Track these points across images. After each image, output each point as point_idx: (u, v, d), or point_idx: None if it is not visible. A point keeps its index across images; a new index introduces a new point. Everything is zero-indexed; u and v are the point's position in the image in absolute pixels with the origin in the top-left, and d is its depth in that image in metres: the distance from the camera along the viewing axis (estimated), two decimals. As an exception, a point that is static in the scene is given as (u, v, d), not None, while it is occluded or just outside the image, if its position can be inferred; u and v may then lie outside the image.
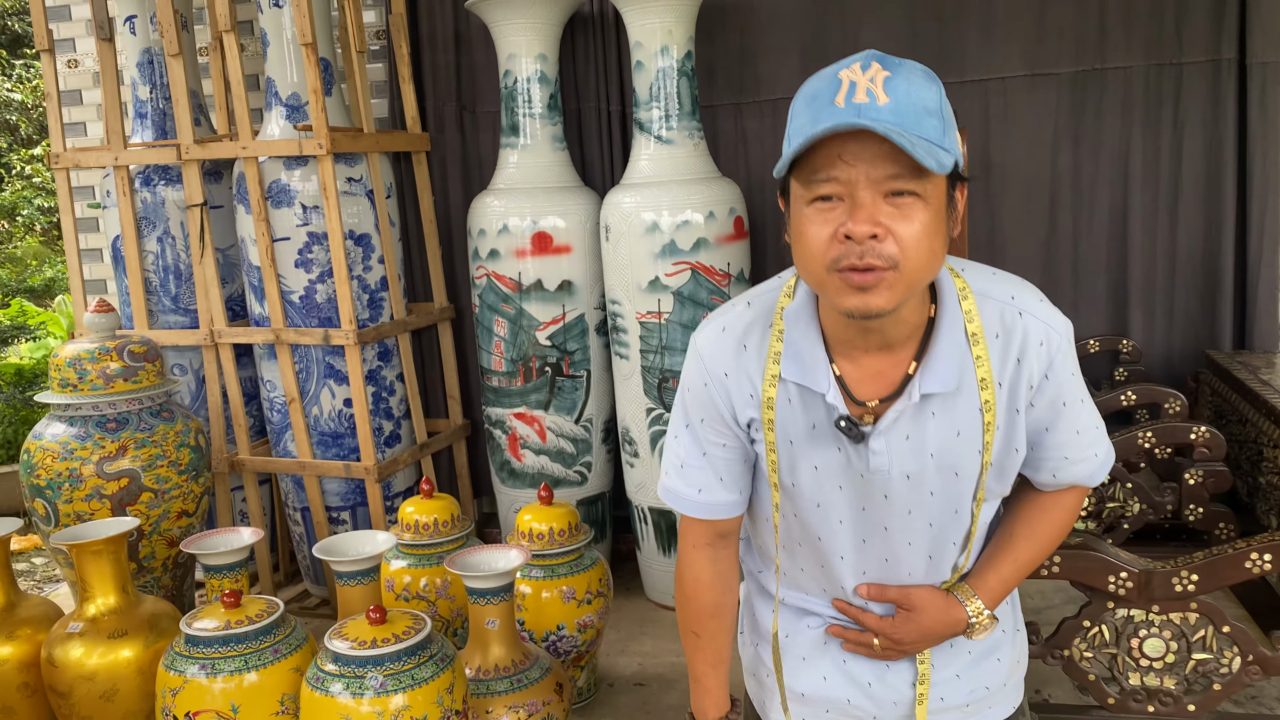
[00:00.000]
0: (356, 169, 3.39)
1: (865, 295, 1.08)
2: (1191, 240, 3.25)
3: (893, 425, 1.20)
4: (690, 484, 1.32)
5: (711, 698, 1.43)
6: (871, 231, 1.06)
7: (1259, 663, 1.61)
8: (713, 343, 1.28)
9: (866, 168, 1.05)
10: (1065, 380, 1.24)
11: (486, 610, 2.49)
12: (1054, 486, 1.32)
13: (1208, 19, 3.14)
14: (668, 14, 3.19)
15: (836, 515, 1.27)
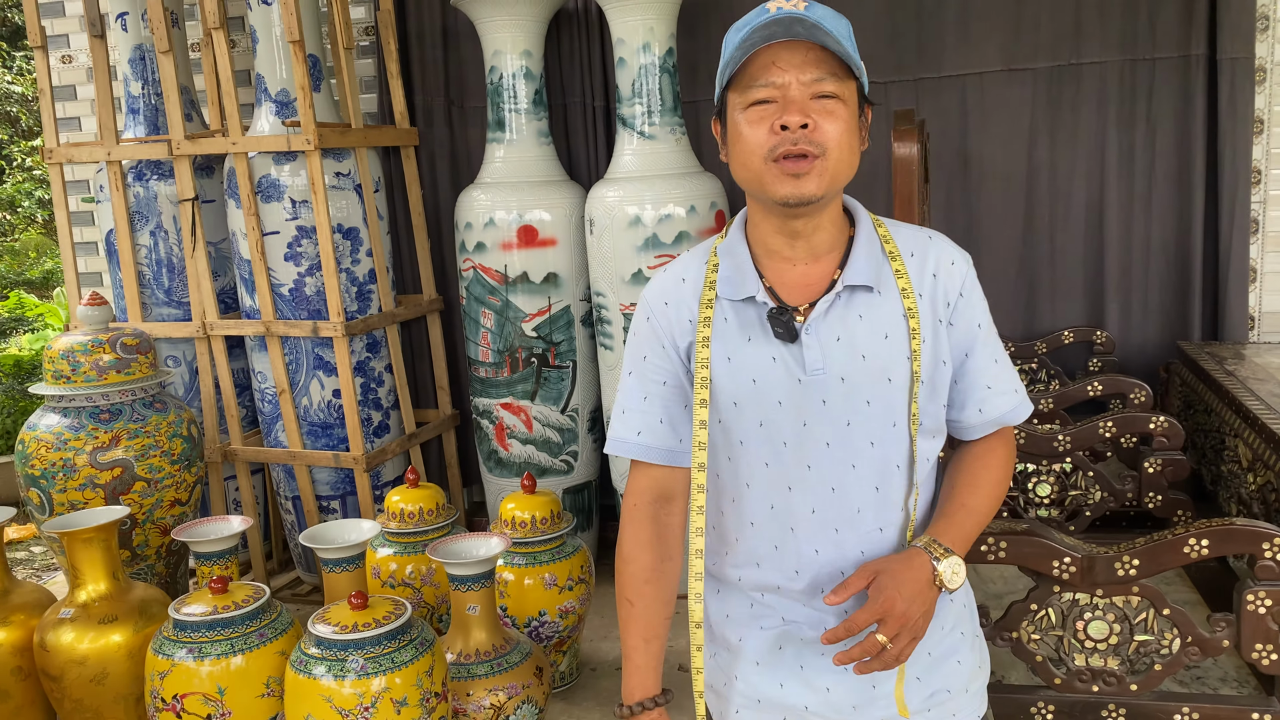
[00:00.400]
0: (345, 163, 3.45)
1: (798, 181, 1.23)
2: (1165, 233, 3.30)
3: (822, 319, 1.28)
4: (630, 427, 1.37)
5: (639, 676, 1.36)
6: (803, 121, 1.21)
7: (1198, 644, 1.67)
8: (655, 283, 1.40)
9: (797, 72, 1.21)
10: (977, 302, 1.34)
11: (468, 596, 2.56)
12: (981, 427, 1.36)
13: (1179, 15, 3.18)
14: (649, 11, 3.24)
15: (780, 436, 1.30)
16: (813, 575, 1.33)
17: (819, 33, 1.19)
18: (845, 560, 1.32)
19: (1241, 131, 3.16)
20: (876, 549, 1.32)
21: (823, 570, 1.33)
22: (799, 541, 1.33)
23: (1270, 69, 3.19)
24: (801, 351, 1.27)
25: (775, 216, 1.29)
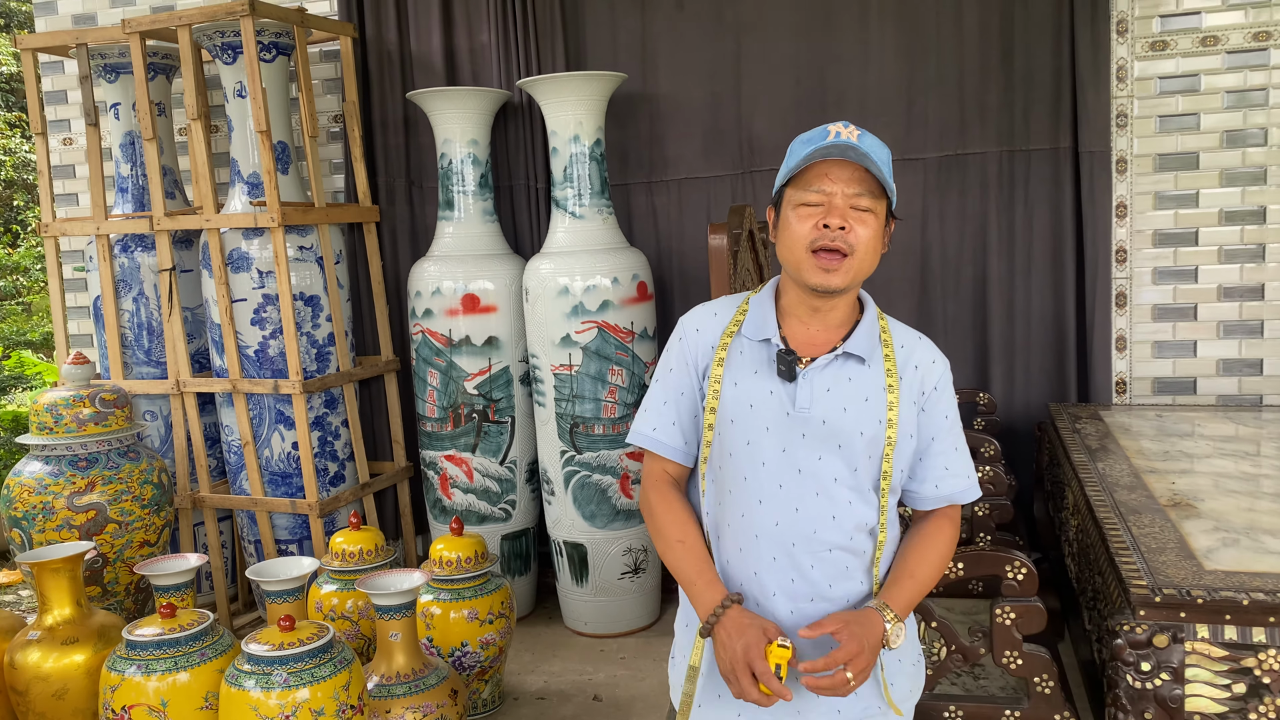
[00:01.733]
0: (308, 238, 3.84)
1: (828, 275, 1.54)
2: (1042, 305, 3.65)
3: (819, 371, 1.59)
4: (648, 424, 1.70)
5: (710, 590, 1.57)
6: (841, 224, 1.53)
7: (961, 651, 1.98)
8: (693, 313, 1.72)
9: (843, 185, 1.54)
10: (948, 399, 1.67)
11: (391, 624, 2.87)
12: (934, 500, 1.65)
13: (1049, 112, 3.57)
14: (579, 108, 3.65)
15: (761, 456, 1.58)
16: (769, 578, 1.59)
17: (866, 160, 1.51)
18: (797, 570, 1.59)
19: (1101, 216, 3.53)
20: (824, 565, 1.59)
21: (779, 578, 1.59)
22: (760, 548, 1.60)
23: (1131, 160, 3.56)
24: (795, 391, 1.58)
25: (804, 294, 1.61)
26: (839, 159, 1.52)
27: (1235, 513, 2.18)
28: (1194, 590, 1.76)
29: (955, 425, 1.68)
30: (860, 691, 1.59)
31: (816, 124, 3.70)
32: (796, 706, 1.60)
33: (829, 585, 1.59)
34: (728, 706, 1.62)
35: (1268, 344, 3.54)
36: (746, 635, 1.50)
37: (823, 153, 1.52)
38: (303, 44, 3.75)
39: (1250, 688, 1.77)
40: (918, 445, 1.64)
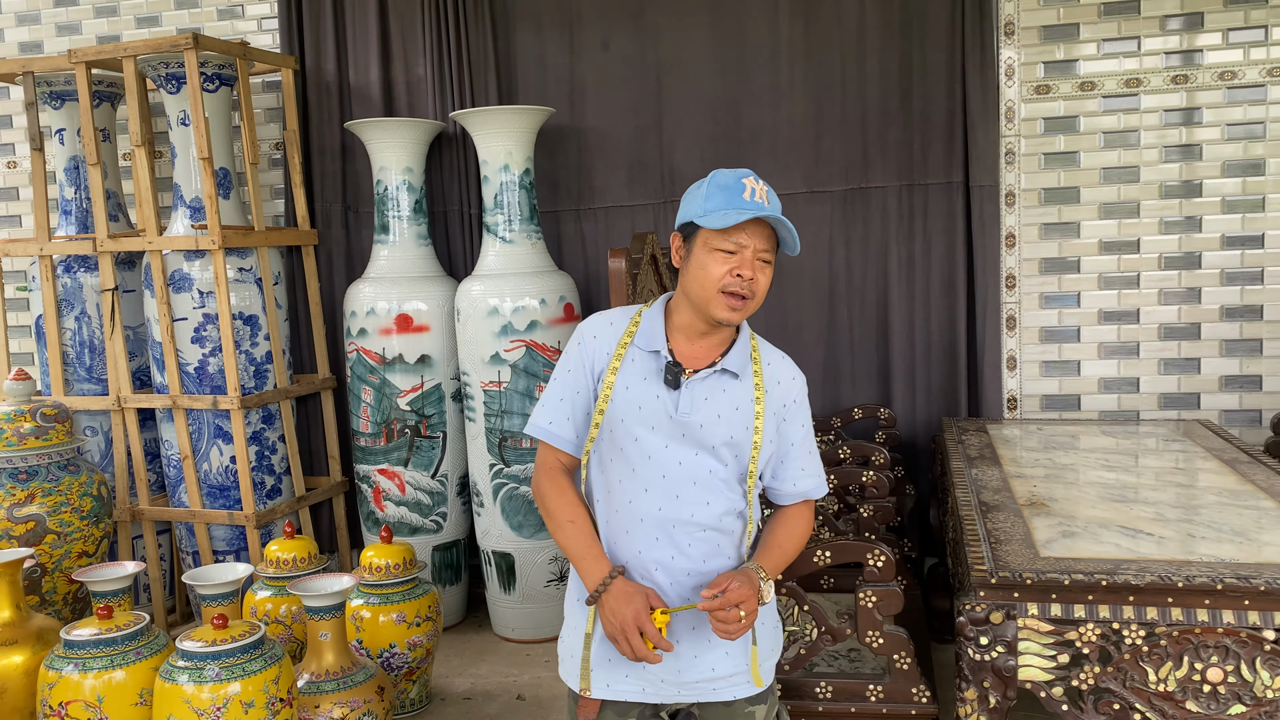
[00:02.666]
0: (248, 260, 4.00)
1: (734, 313, 1.79)
2: (939, 327, 3.93)
3: (700, 382, 1.82)
4: (545, 418, 1.90)
5: (598, 564, 1.80)
6: (751, 275, 1.78)
7: (830, 632, 2.20)
8: (591, 321, 1.93)
9: (755, 241, 1.78)
10: (805, 410, 1.93)
11: (320, 625, 3.04)
12: (792, 496, 1.92)
13: (943, 149, 3.86)
14: (508, 139, 3.87)
15: (647, 451, 1.81)
16: (651, 556, 1.82)
17: (781, 225, 1.78)
18: (677, 548, 1.81)
19: (991, 245, 3.83)
20: (699, 543, 1.82)
21: (660, 555, 1.81)
22: (645, 529, 1.82)
23: (1019, 193, 3.87)
24: (679, 398, 1.83)
25: (701, 320, 1.85)
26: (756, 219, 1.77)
27: (1082, 510, 2.44)
28: (1025, 573, 2.01)
29: (810, 433, 1.94)
30: (733, 653, 1.83)
31: (734, 158, 4.02)
32: (677, 666, 1.82)
33: (703, 561, 1.83)
34: (615, 668, 1.84)
35: (1143, 364, 3.85)
36: (634, 602, 1.74)
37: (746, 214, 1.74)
38: (244, 75, 3.93)
39: (1073, 658, 2.02)
40: (778, 449, 1.90)
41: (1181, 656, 1.97)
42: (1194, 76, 3.72)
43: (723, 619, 1.71)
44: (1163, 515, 2.38)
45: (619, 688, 1.84)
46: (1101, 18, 3.76)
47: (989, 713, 2.03)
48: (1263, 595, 1.92)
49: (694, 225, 1.83)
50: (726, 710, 1.86)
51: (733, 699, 1.86)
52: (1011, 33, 3.82)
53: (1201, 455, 3.01)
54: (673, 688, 1.84)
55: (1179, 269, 3.80)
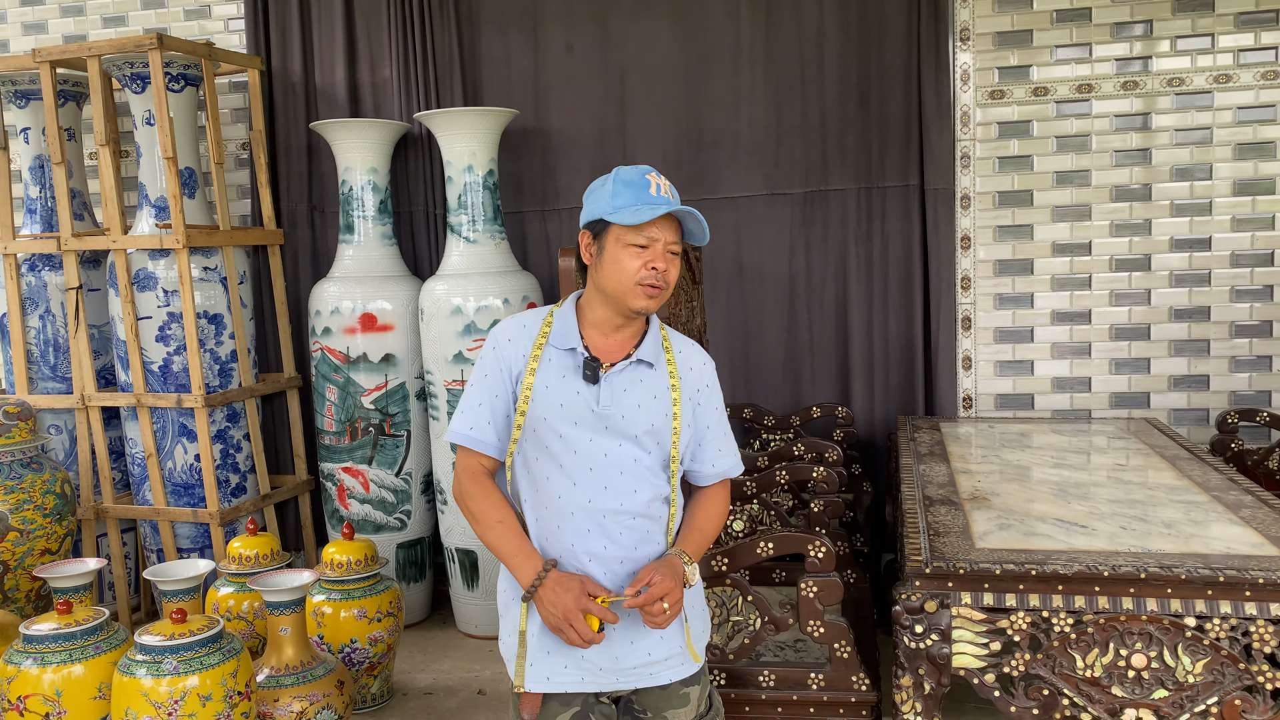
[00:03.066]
0: (213, 259, 4.03)
1: (650, 302, 1.86)
2: (897, 327, 4.00)
3: (618, 375, 1.88)
4: (465, 424, 1.93)
5: (531, 560, 1.84)
6: (665, 268, 1.86)
7: (773, 622, 2.26)
8: (503, 325, 1.97)
9: (665, 234, 1.86)
10: (717, 393, 2.00)
11: (281, 619, 3.07)
12: (710, 477, 1.99)
13: (900, 153, 3.93)
14: (472, 140, 3.91)
15: (573, 446, 1.86)
16: (584, 548, 1.86)
17: (687, 218, 1.85)
18: (608, 538, 1.86)
19: (945, 246, 3.90)
20: (629, 531, 1.87)
21: (593, 546, 1.86)
22: (576, 522, 1.87)
23: (973, 196, 3.94)
24: (598, 391, 1.88)
25: (617, 312, 1.90)
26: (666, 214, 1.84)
27: (1021, 504, 2.51)
28: (959, 564, 2.07)
29: (723, 414, 2.02)
30: (667, 637, 1.89)
31: (697, 160, 4.08)
32: (615, 653, 1.87)
33: (634, 548, 1.88)
34: (554, 660, 1.88)
35: (1095, 364, 3.93)
36: (571, 588, 1.79)
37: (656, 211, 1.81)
38: (210, 76, 3.95)
39: (1004, 645, 2.08)
40: (695, 433, 1.96)
41: (1108, 643, 2.03)
42: (1144, 83, 3.80)
43: (650, 613, 1.78)
44: (1098, 510, 2.45)
45: (559, 679, 1.88)
46: (1054, 24, 3.84)
47: (924, 699, 2.09)
48: (1184, 584, 1.99)
49: (604, 222, 1.88)
50: (663, 694, 1.91)
51: (669, 682, 1.91)
52: (967, 39, 3.89)
53: (1145, 452, 3.09)
54: (611, 675, 1.88)
55: (1129, 271, 3.88)
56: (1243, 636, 1.99)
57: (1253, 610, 1.98)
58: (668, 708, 1.91)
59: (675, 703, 1.92)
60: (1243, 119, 3.76)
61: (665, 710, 1.91)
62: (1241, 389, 3.87)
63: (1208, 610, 2.00)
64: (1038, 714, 2.07)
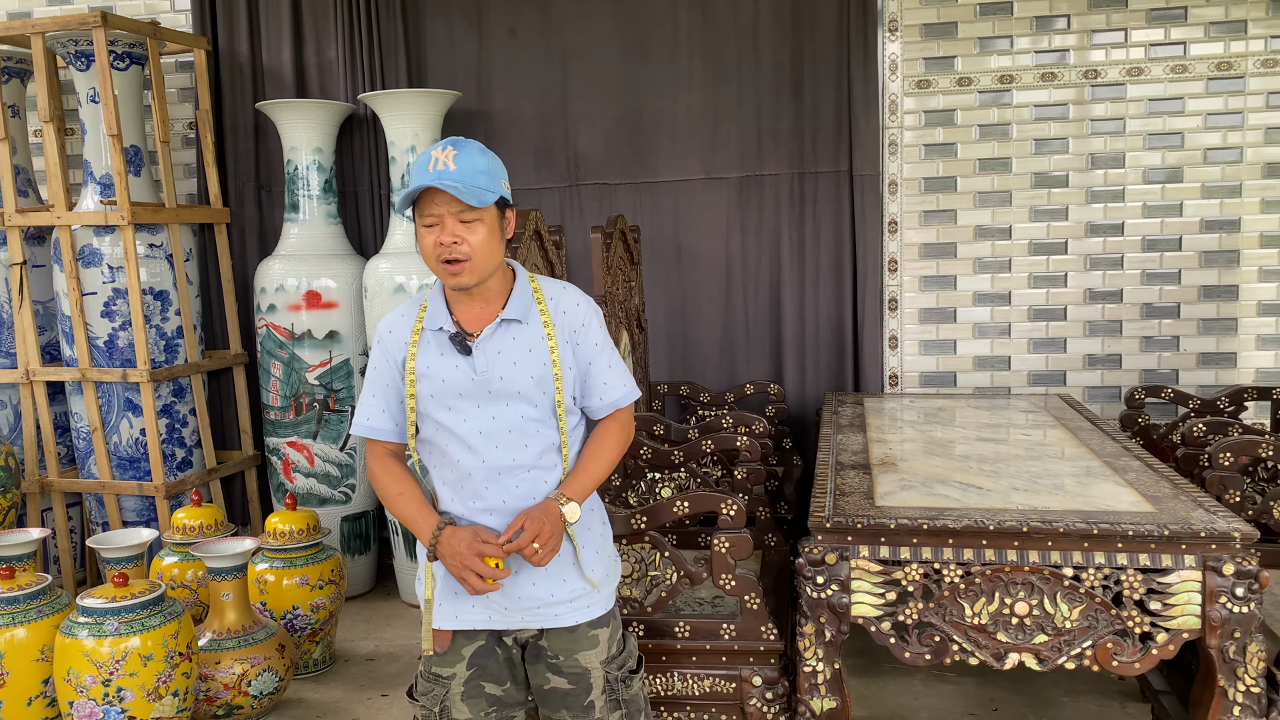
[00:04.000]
0: (158, 237, 4.08)
1: (456, 276, 1.90)
2: (827, 308, 4.16)
3: (489, 339, 1.94)
4: (363, 415, 2.05)
5: (429, 519, 1.96)
6: (453, 240, 1.87)
7: (688, 576, 2.40)
8: (385, 319, 2.07)
9: (446, 206, 1.87)
10: (597, 330, 2.04)
11: (222, 585, 3.16)
12: (602, 409, 2.05)
13: (831, 140, 4.08)
14: (415, 121, 4.00)
15: (462, 414, 1.94)
16: (484, 504, 1.96)
17: (457, 190, 1.82)
18: (505, 492, 1.95)
19: (872, 231, 4.06)
20: (526, 484, 1.96)
21: (492, 500, 1.96)
22: (475, 482, 1.96)
23: (901, 182, 4.11)
24: (473, 360, 1.96)
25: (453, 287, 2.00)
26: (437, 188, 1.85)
27: (926, 469, 2.67)
28: (858, 519, 2.22)
29: (606, 348, 2.06)
30: (566, 578, 2.00)
31: (636, 144, 4.21)
32: (518, 593, 1.98)
33: (532, 498, 1.98)
34: (462, 600, 2.00)
35: (1014, 343, 4.12)
36: (463, 538, 1.91)
37: (423, 185, 1.84)
38: (155, 55, 4.00)
39: (899, 595, 2.23)
40: (578, 372, 2.04)
41: (994, 593, 2.19)
42: (1061, 74, 3.98)
43: (525, 555, 1.89)
44: (996, 472, 2.62)
45: (467, 617, 2.00)
46: (978, 17, 4.01)
47: (825, 645, 2.24)
48: (1062, 537, 2.15)
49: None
50: (571, 635, 2.02)
51: (575, 624, 2.02)
52: (895, 29, 4.05)
53: (1052, 425, 3.27)
54: (516, 614, 2.00)
55: (1047, 255, 4.07)
56: (1115, 585, 2.16)
57: (1124, 560, 2.15)
58: (577, 649, 2.03)
59: (584, 644, 2.03)
60: (1153, 110, 3.95)
61: (575, 652, 2.02)
62: (1151, 367, 4.07)
63: (1084, 561, 2.16)
64: (929, 659, 2.23)
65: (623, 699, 2.07)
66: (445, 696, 2.02)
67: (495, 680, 2.04)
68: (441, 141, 1.91)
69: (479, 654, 2.02)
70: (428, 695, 2.04)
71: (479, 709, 2.03)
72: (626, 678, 2.08)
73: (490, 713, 2.04)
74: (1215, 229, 3.96)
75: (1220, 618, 2.10)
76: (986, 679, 3.34)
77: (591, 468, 2.03)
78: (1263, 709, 2.15)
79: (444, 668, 2.03)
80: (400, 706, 3.30)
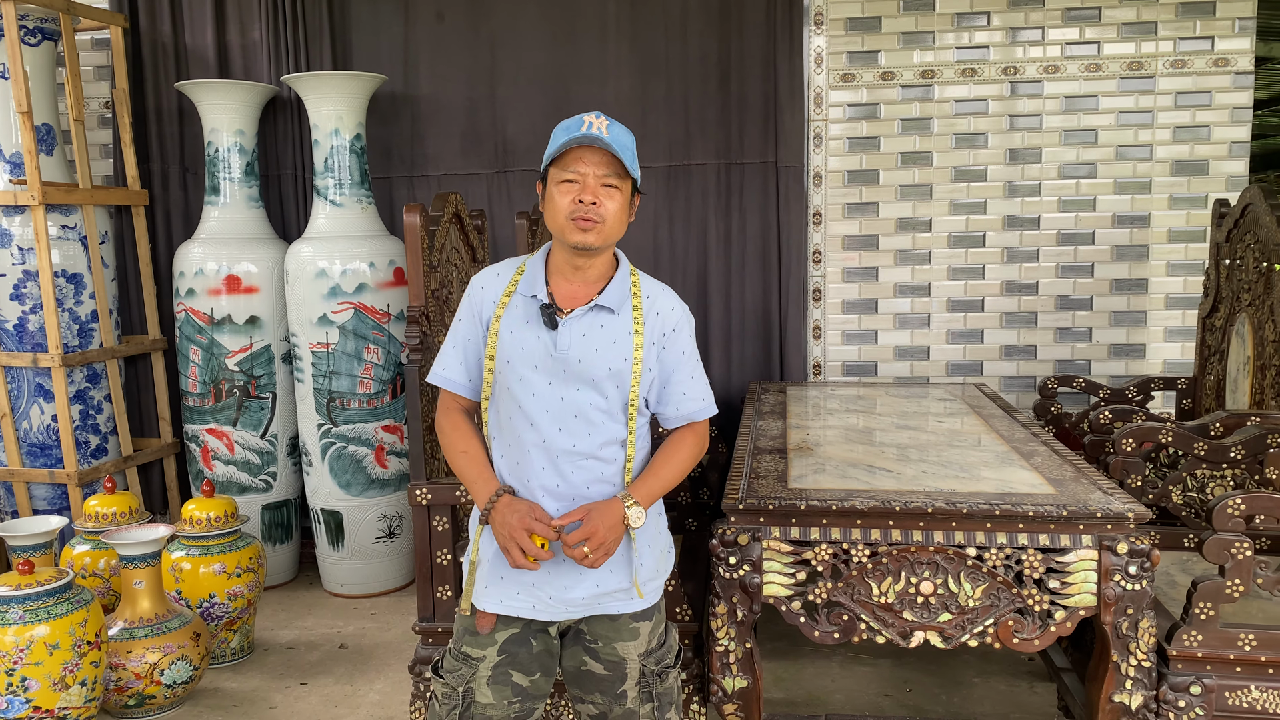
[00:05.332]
0: (72, 218, 3.98)
1: (585, 235, 1.88)
2: (753, 298, 4.20)
3: (577, 320, 1.92)
4: (440, 365, 2.04)
5: (488, 485, 1.95)
6: (594, 199, 1.87)
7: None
8: (482, 273, 2.04)
9: (594, 168, 1.88)
10: (685, 340, 2.03)
11: (135, 573, 3.10)
12: (676, 419, 2.02)
13: (758, 131, 4.12)
14: (339, 104, 3.95)
15: (531, 389, 1.93)
16: (539, 483, 1.95)
17: (612, 148, 1.86)
18: (561, 476, 1.94)
19: (796, 222, 4.11)
20: (583, 472, 1.94)
21: (547, 482, 1.94)
22: (532, 460, 1.94)
23: (825, 174, 4.16)
24: (556, 337, 1.94)
25: (568, 253, 1.95)
26: (591, 146, 1.88)
27: (840, 453, 2.72)
28: (769, 500, 2.26)
29: (691, 359, 2.04)
30: (615, 569, 1.98)
31: (563, 132, 4.18)
32: (564, 583, 1.97)
33: (586, 488, 1.96)
34: (508, 586, 1.98)
35: (933, 334, 4.20)
36: (519, 509, 1.90)
37: (577, 141, 1.87)
38: (69, 31, 3.89)
39: (809, 575, 2.27)
40: (659, 376, 2.02)
41: (900, 572, 2.24)
42: (981, 70, 4.07)
43: (571, 555, 1.88)
44: (906, 456, 2.68)
45: (511, 604, 1.99)
46: (901, 13, 4.08)
47: (737, 625, 2.27)
48: (966, 517, 2.21)
49: (546, 170, 1.96)
50: (612, 624, 2.01)
51: (618, 614, 2.01)
52: (820, 23, 4.10)
53: (966, 413, 3.34)
54: (560, 605, 1.98)
55: (965, 247, 4.16)
56: (1016, 564, 2.22)
57: (1024, 540, 2.22)
58: (617, 639, 2.00)
59: (625, 635, 2.00)
60: (1069, 107, 4.06)
61: (615, 641, 2.01)
62: (1065, 358, 4.18)
63: (986, 541, 2.23)
64: (838, 637, 2.27)
65: (656, 691, 2.05)
66: (472, 678, 2.00)
67: (524, 670, 2.01)
68: (592, 113, 1.92)
69: (512, 641, 2.00)
70: (454, 674, 2.01)
71: (503, 696, 2.00)
72: (663, 671, 2.06)
73: (515, 702, 2.01)
74: (1126, 224, 4.09)
75: (1114, 595, 2.18)
76: (901, 661, 3.41)
77: (663, 474, 2.01)
78: (1153, 682, 2.23)
79: (475, 649, 2.01)
80: (318, 695, 3.27)
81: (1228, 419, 2.92)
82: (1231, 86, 3.97)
